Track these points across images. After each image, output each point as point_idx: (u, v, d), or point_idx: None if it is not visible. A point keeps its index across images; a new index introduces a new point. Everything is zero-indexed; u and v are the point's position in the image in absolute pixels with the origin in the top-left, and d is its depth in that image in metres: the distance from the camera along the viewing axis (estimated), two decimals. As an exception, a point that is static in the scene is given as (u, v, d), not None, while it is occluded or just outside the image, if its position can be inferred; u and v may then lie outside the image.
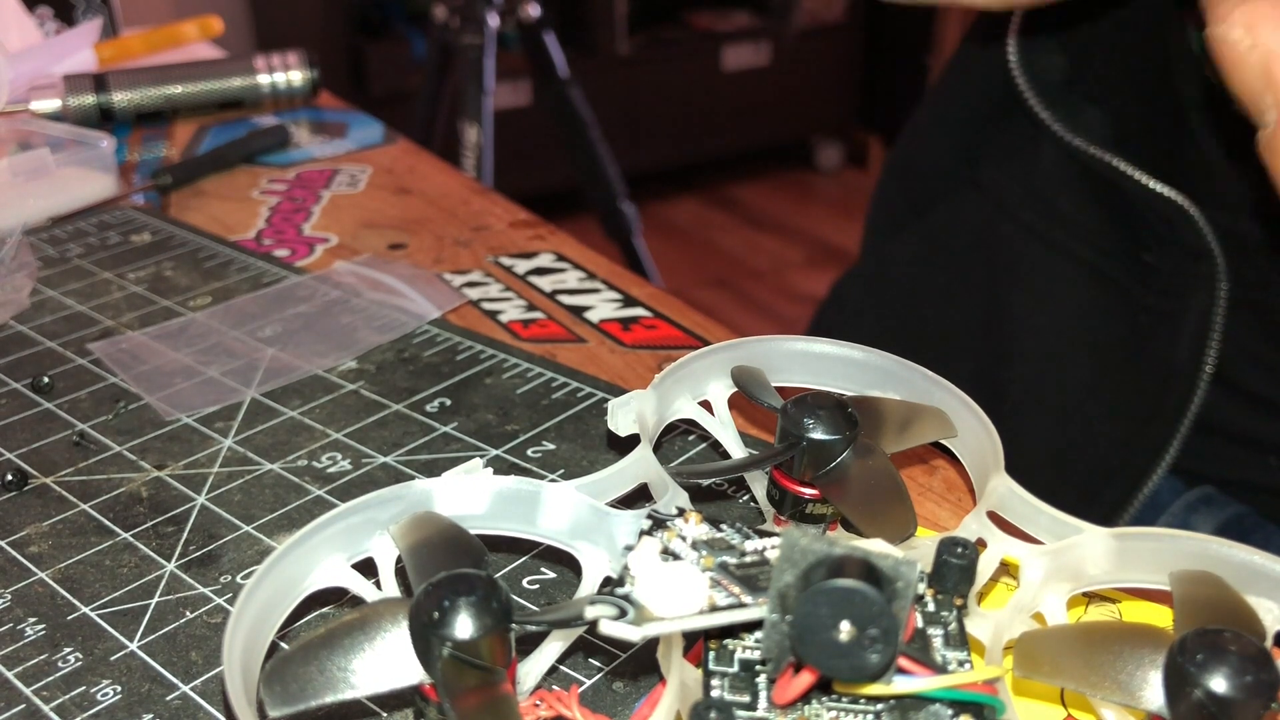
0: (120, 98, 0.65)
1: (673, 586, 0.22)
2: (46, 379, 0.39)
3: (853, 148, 2.42)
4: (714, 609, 0.22)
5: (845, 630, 0.20)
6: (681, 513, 0.24)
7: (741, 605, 0.22)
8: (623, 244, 1.56)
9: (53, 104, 0.63)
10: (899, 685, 0.21)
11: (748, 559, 0.23)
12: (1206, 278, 0.47)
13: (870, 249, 0.65)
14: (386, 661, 0.22)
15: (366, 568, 0.25)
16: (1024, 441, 0.51)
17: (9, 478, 0.33)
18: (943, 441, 0.30)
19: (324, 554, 0.25)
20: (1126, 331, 0.50)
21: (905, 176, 0.62)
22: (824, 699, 0.22)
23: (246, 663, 0.22)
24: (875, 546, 0.21)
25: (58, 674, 0.26)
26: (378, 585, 0.25)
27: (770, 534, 0.24)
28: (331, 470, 0.34)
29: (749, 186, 2.30)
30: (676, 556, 0.23)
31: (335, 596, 0.28)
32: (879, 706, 0.21)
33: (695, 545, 0.23)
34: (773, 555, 0.23)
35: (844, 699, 0.22)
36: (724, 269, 2.01)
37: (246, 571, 0.30)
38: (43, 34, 0.75)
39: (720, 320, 0.44)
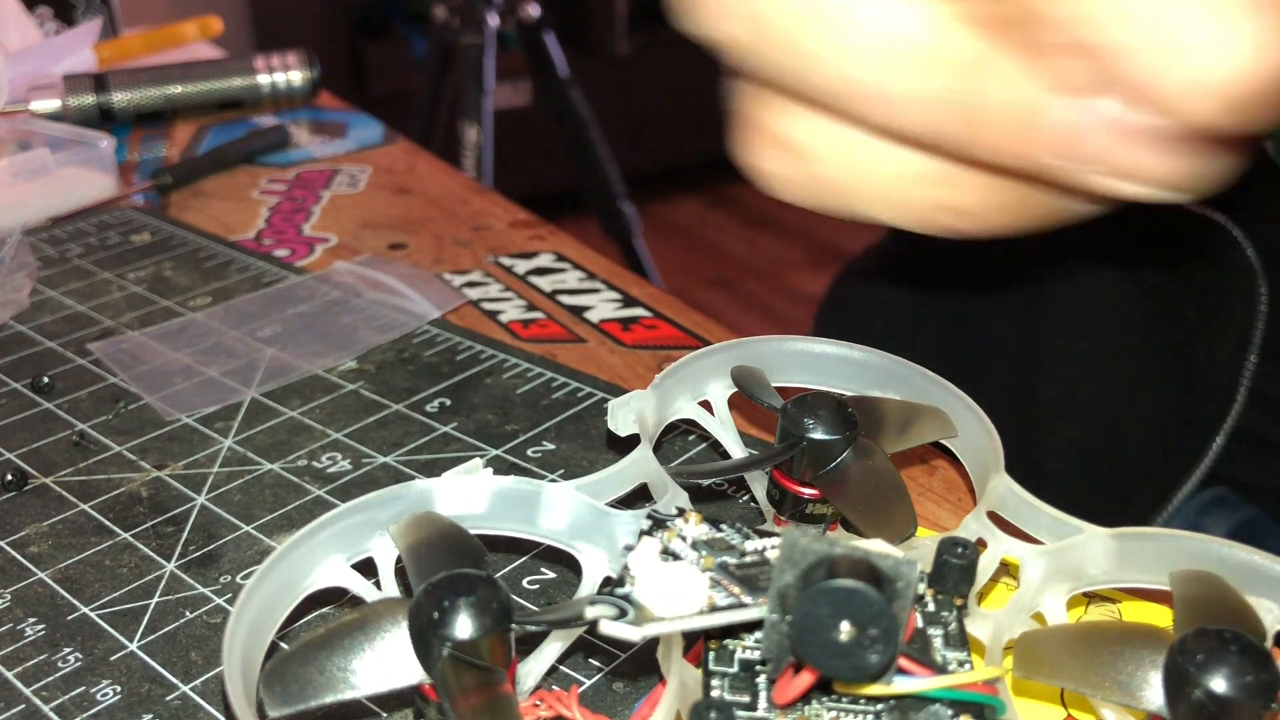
0: (120, 98, 0.65)
1: (673, 587, 0.22)
2: (46, 379, 0.39)
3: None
4: (714, 609, 0.22)
5: (845, 630, 0.20)
6: (681, 513, 0.24)
7: (741, 605, 0.22)
8: (623, 244, 1.56)
9: (52, 104, 0.63)
10: (899, 685, 0.21)
11: (748, 559, 0.23)
12: (1245, 291, 0.47)
13: (894, 248, 0.64)
14: (386, 661, 0.22)
15: (366, 568, 0.25)
16: (1055, 446, 0.51)
17: (9, 478, 0.33)
18: (943, 441, 0.30)
19: (324, 554, 0.25)
20: (1163, 341, 0.50)
21: None
22: (824, 699, 0.22)
23: (246, 663, 0.22)
24: (875, 546, 0.21)
25: (57, 674, 0.26)
26: (378, 585, 0.25)
27: (770, 534, 0.24)
28: (331, 470, 0.34)
29: (749, 186, 2.30)
30: (676, 556, 0.23)
31: (335, 596, 0.28)
32: (879, 707, 0.21)
33: (695, 545, 0.23)
34: (773, 555, 0.23)
35: (844, 699, 0.22)
36: (724, 269, 2.01)
37: (246, 571, 0.30)
38: (42, 34, 0.75)
39: (720, 320, 0.44)
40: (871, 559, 0.20)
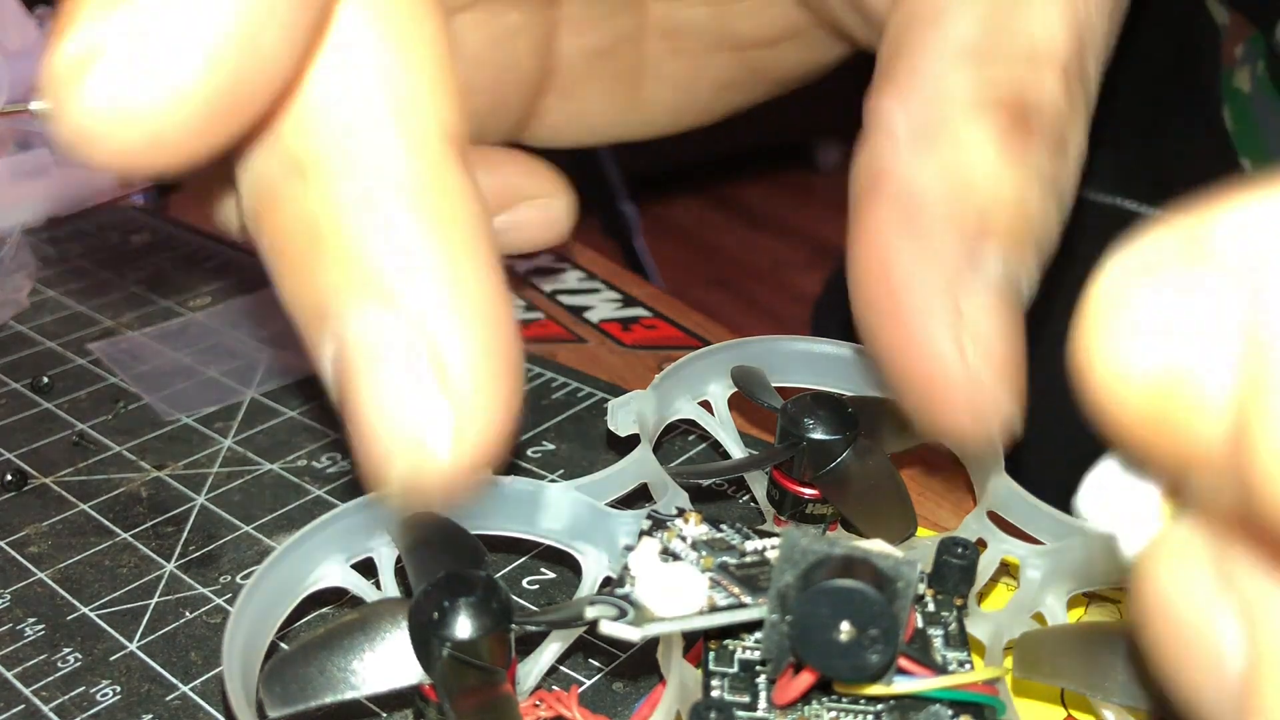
0: (120, 98, 0.65)
1: (673, 587, 0.22)
2: (46, 379, 0.39)
3: (854, 147, 2.41)
4: (714, 609, 0.22)
5: (845, 630, 0.20)
6: (681, 513, 0.24)
7: (741, 605, 0.22)
8: (623, 244, 1.56)
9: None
10: (899, 685, 0.21)
11: (748, 559, 0.23)
12: None
13: None
14: (386, 662, 0.22)
15: (366, 568, 0.25)
16: (1041, 453, 0.51)
17: (8, 478, 0.33)
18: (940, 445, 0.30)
19: (324, 554, 0.25)
20: None
21: None
22: (824, 699, 0.22)
23: (246, 664, 0.22)
24: (875, 546, 0.21)
25: (57, 674, 0.26)
26: (377, 586, 0.25)
27: (770, 534, 0.24)
28: (331, 470, 0.34)
29: (749, 186, 2.30)
30: (676, 557, 0.23)
31: (335, 596, 0.28)
32: (879, 707, 0.21)
33: (695, 545, 0.23)
34: (773, 555, 0.23)
35: (844, 699, 0.22)
36: (724, 269, 2.01)
37: (246, 571, 0.30)
38: (43, 34, 0.75)
39: (720, 320, 0.44)
40: (872, 559, 0.20)
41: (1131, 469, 0.15)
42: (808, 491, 0.28)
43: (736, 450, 0.31)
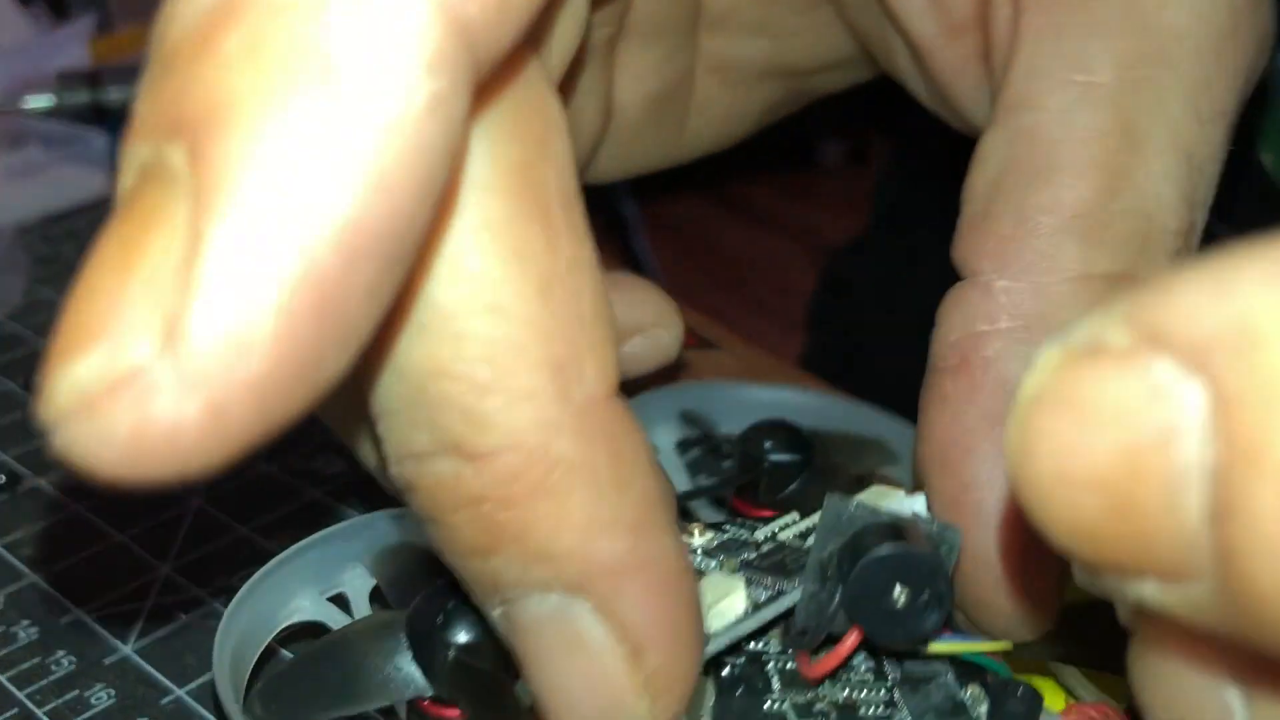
0: (115, 94, 0.64)
1: (712, 599, 0.21)
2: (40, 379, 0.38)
3: (856, 145, 2.41)
4: (758, 606, 0.22)
5: (900, 594, 0.20)
6: (683, 527, 0.24)
7: (782, 594, 0.22)
8: (623, 244, 1.56)
9: (46, 101, 0.63)
10: (935, 645, 0.21)
11: (765, 549, 0.23)
12: None
13: (879, 238, 0.64)
14: (382, 675, 0.21)
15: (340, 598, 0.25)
16: None
17: (1, 479, 0.33)
18: (888, 473, 0.30)
19: (294, 588, 0.24)
20: None
21: (923, 177, 0.62)
22: (837, 679, 0.22)
23: (234, 684, 0.22)
24: (904, 505, 0.22)
25: (51, 678, 0.26)
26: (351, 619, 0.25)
27: (764, 518, 0.24)
28: (330, 471, 0.33)
29: (750, 185, 2.30)
30: (701, 570, 0.23)
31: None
32: (889, 681, 0.22)
33: (709, 553, 0.23)
34: (785, 536, 0.24)
35: (854, 678, 0.22)
36: (725, 268, 2.01)
37: (242, 574, 0.29)
38: (36, 30, 0.74)
39: (722, 319, 0.43)
40: (918, 524, 0.21)
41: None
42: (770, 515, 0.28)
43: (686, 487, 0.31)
